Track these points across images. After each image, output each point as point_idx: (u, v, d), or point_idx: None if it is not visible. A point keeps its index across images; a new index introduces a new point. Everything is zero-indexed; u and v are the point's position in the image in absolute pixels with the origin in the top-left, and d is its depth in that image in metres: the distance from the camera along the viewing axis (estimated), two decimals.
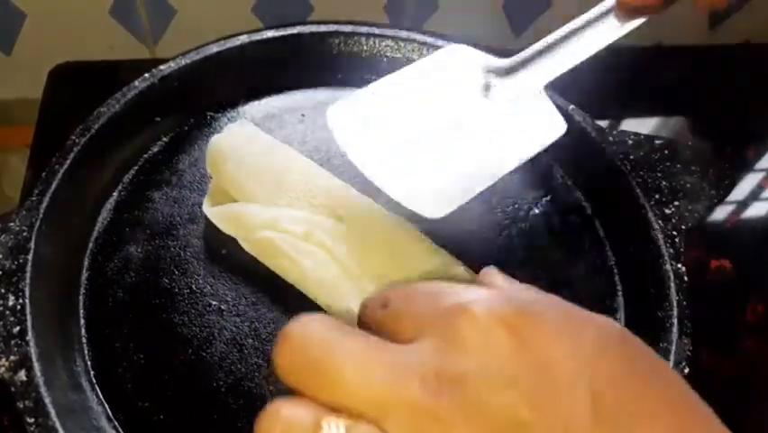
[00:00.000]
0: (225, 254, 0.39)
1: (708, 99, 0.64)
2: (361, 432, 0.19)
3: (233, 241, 0.38)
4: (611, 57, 0.39)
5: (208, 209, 0.39)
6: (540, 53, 0.39)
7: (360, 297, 0.34)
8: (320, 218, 0.38)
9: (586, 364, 0.20)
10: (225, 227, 0.38)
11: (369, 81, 0.49)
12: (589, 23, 0.39)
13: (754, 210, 0.57)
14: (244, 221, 0.38)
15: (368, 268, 0.36)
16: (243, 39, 0.47)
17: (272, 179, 0.39)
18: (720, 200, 0.43)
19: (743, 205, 0.57)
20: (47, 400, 0.30)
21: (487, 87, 0.39)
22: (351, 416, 0.19)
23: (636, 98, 0.63)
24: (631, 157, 0.44)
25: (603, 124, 0.58)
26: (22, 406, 0.30)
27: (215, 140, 0.40)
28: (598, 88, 0.61)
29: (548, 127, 0.38)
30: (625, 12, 0.37)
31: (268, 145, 0.41)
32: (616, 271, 0.42)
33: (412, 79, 0.39)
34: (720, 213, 0.55)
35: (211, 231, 0.39)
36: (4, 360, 0.31)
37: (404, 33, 0.49)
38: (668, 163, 0.44)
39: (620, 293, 0.41)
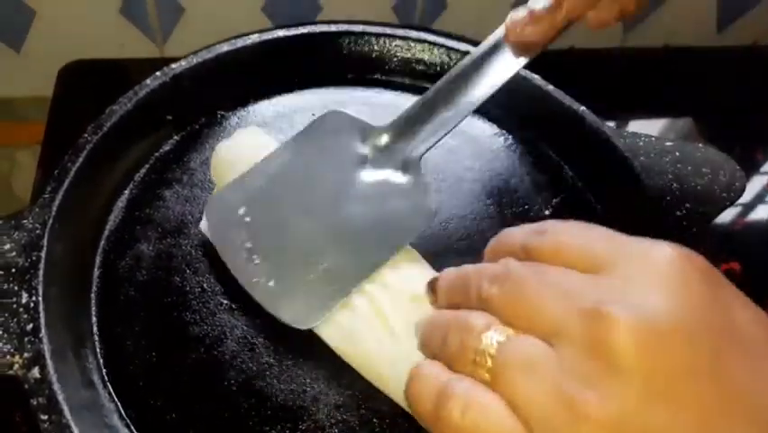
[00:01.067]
0: None
1: (716, 101, 0.64)
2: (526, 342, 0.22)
3: None
4: (619, 59, 0.40)
5: (205, 226, 0.39)
6: (419, 115, 0.38)
7: (350, 317, 0.34)
8: None
9: None
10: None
11: (379, 81, 0.50)
12: (477, 64, 0.37)
13: (763, 212, 0.57)
14: None
15: (356, 282, 0.35)
16: (254, 38, 0.47)
17: None
18: (732, 203, 0.43)
19: (751, 207, 0.57)
20: (60, 398, 0.30)
21: (363, 160, 0.38)
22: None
23: (644, 100, 0.63)
24: (642, 159, 0.44)
25: (611, 125, 0.58)
26: (35, 403, 0.30)
27: (221, 147, 0.40)
28: (606, 90, 0.62)
29: (419, 213, 0.36)
30: (519, 48, 0.36)
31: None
32: None
33: (288, 159, 0.38)
34: (729, 215, 0.55)
35: None
36: (17, 357, 0.32)
37: (414, 33, 0.49)
38: (679, 165, 0.44)
39: None
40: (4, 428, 0.38)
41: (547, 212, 0.44)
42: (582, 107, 0.46)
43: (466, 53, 0.49)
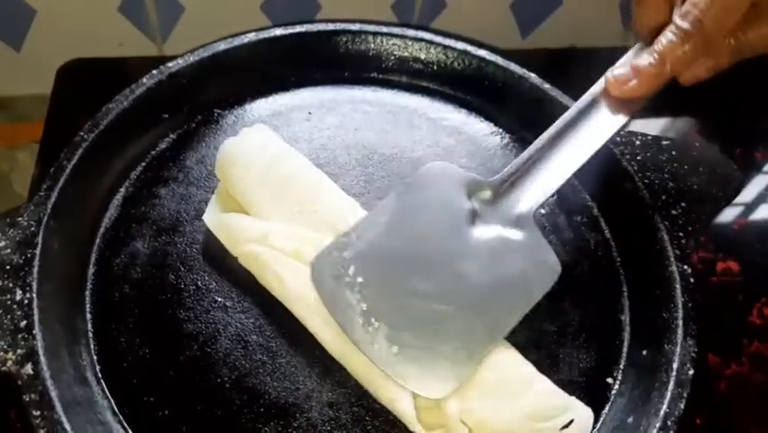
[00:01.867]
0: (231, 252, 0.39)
1: (717, 100, 0.63)
2: None
3: None
4: (619, 56, 0.39)
5: (209, 216, 0.39)
6: (525, 170, 0.37)
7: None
8: (316, 235, 0.37)
9: None
10: (219, 236, 0.38)
11: (376, 80, 0.50)
12: (577, 120, 0.37)
13: (763, 212, 0.56)
14: (235, 233, 0.37)
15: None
16: (251, 37, 0.47)
17: (277, 190, 0.38)
18: (728, 202, 0.43)
19: (750, 207, 0.57)
20: (53, 394, 0.31)
21: (473, 215, 0.36)
22: None
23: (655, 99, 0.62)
24: (638, 158, 0.44)
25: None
26: (28, 399, 0.31)
27: (227, 144, 0.40)
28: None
29: (543, 270, 0.35)
30: (614, 102, 0.36)
31: (278, 154, 0.40)
32: (621, 271, 0.42)
33: (394, 214, 0.36)
34: (728, 215, 0.55)
35: None
36: (11, 353, 0.32)
37: (411, 32, 0.49)
38: (675, 164, 0.44)
39: (626, 294, 0.41)
40: (0, 424, 0.38)
41: (542, 210, 0.44)
42: None
43: (464, 52, 0.49)
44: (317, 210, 0.38)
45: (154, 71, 0.44)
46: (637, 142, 0.45)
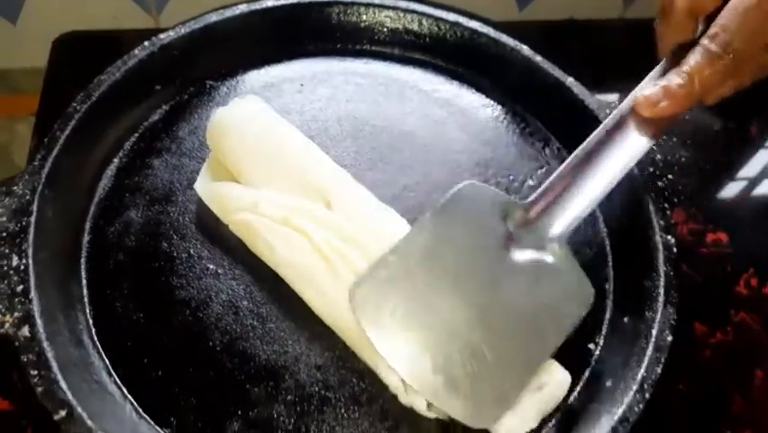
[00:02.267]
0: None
1: None
2: None
3: None
4: (617, 30, 0.39)
5: (200, 184, 0.40)
6: (557, 193, 0.37)
7: (333, 282, 0.35)
8: (306, 203, 0.37)
9: None
10: (211, 205, 0.39)
11: (368, 52, 0.51)
12: (606, 141, 0.36)
13: (753, 185, 0.57)
14: (226, 201, 0.38)
15: (346, 255, 0.36)
16: (243, 8, 0.47)
17: (268, 159, 0.39)
18: (716, 175, 0.43)
19: (742, 180, 0.57)
20: (49, 355, 0.32)
21: (509, 238, 0.36)
22: None
23: (645, 72, 0.62)
24: None
25: (612, 98, 0.58)
26: (26, 360, 0.32)
27: (218, 114, 0.40)
28: (605, 61, 0.61)
29: (578, 296, 0.35)
30: (643, 122, 0.36)
31: (270, 124, 0.41)
32: (607, 242, 0.42)
33: (431, 238, 0.36)
34: (718, 187, 0.55)
35: None
36: (8, 316, 0.33)
37: (403, 4, 0.49)
38: (664, 137, 0.44)
39: (611, 264, 0.41)
40: (2, 386, 0.40)
41: (531, 182, 0.45)
42: (570, 78, 0.46)
43: (456, 24, 0.49)
44: (307, 179, 0.39)
45: (146, 43, 0.44)
46: None
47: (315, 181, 0.39)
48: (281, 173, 0.39)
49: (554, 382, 0.34)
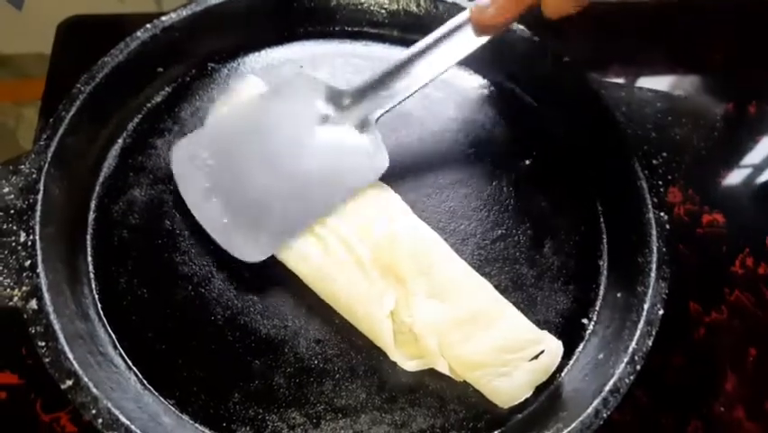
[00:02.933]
0: None
1: (710, 53, 0.63)
2: None
3: None
4: (621, 13, 0.40)
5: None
6: (381, 81, 0.41)
7: (324, 258, 0.36)
8: None
9: None
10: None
11: (367, 34, 0.51)
12: (435, 42, 0.41)
13: (750, 167, 0.57)
14: None
15: (335, 229, 0.38)
16: None
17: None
18: (710, 153, 0.44)
19: (738, 161, 0.57)
20: (56, 327, 0.33)
21: (325, 119, 0.41)
22: None
23: (654, 54, 0.62)
24: (623, 109, 0.44)
25: (619, 80, 0.58)
26: (33, 331, 0.33)
27: (221, 98, 0.43)
28: (601, 42, 0.61)
29: (372, 165, 0.39)
30: (480, 29, 0.40)
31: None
32: (602, 219, 0.43)
33: (254, 112, 0.41)
34: (715, 168, 0.56)
35: None
36: (17, 290, 0.34)
37: None
38: (659, 115, 0.44)
39: (605, 240, 0.42)
40: (10, 360, 0.41)
41: (527, 161, 0.45)
42: (566, 57, 0.46)
43: (453, 5, 0.49)
44: None
45: (148, 25, 0.45)
46: (623, 94, 0.45)
47: None
48: None
49: (548, 351, 0.34)
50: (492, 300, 0.36)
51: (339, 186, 0.39)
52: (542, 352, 0.34)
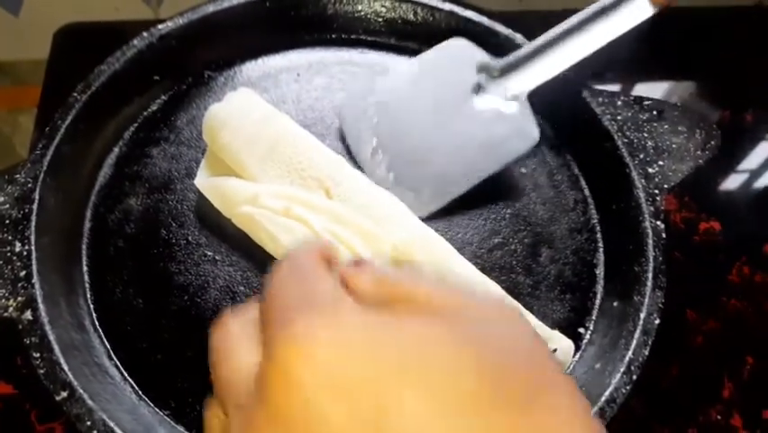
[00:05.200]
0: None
1: (706, 62, 0.63)
2: None
3: None
4: None
5: (200, 180, 0.40)
6: (535, 54, 0.42)
7: None
8: (305, 192, 0.38)
9: None
10: (212, 199, 0.39)
11: (364, 41, 0.51)
12: (590, 19, 0.41)
13: (746, 174, 0.57)
14: (227, 195, 0.39)
15: (346, 240, 0.37)
16: None
17: (264, 150, 0.39)
18: (706, 162, 0.44)
19: (735, 169, 0.57)
20: (51, 338, 0.33)
21: (478, 88, 0.43)
22: None
23: (649, 61, 0.62)
24: (619, 117, 0.44)
25: (615, 88, 0.58)
26: (28, 342, 0.33)
27: (213, 109, 0.40)
28: (601, 52, 0.62)
29: (523, 136, 0.42)
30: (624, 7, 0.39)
31: (264, 115, 0.41)
32: (598, 228, 0.43)
33: (413, 76, 0.44)
34: (711, 176, 0.56)
35: None
36: (12, 301, 0.34)
37: None
38: (655, 124, 0.44)
39: (601, 249, 0.42)
40: (5, 370, 0.41)
41: (524, 170, 0.45)
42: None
43: (450, 13, 0.49)
44: (305, 169, 0.39)
45: (145, 33, 0.45)
46: (619, 103, 0.45)
47: (312, 170, 0.39)
48: (278, 164, 0.39)
49: (560, 349, 0.35)
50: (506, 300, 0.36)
51: (493, 153, 0.41)
52: (554, 350, 0.34)
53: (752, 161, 0.58)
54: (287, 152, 0.40)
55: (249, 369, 0.19)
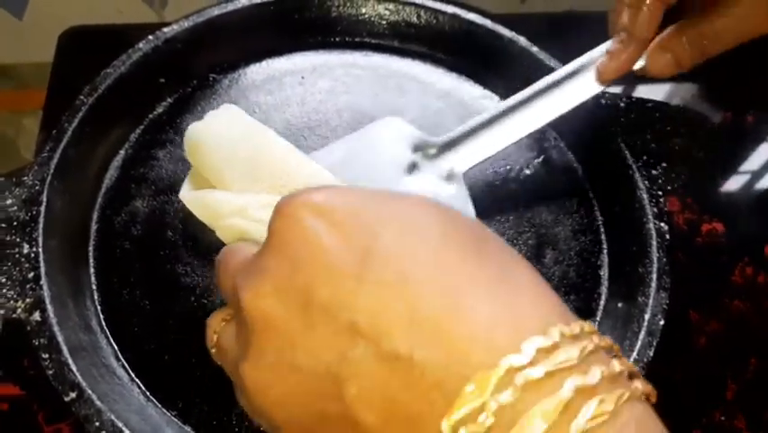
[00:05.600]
0: None
1: (708, 63, 0.63)
2: None
3: None
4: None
5: (184, 193, 0.38)
6: (476, 130, 0.40)
7: None
8: None
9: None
10: (197, 212, 0.38)
11: (368, 44, 0.51)
12: (537, 94, 0.40)
13: (748, 176, 0.57)
14: (214, 208, 0.37)
15: None
16: (245, 2, 0.48)
17: (246, 169, 0.37)
18: (709, 163, 0.44)
19: (737, 170, 0.58)
20: (59, 339, 0.33)
21: (412, 167, 0.40)
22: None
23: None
24: (622, 119, 0.45)
25: (616, 90, 0.59)
26: (37, 343, 0.33)
27: (193, 128, 0.38)
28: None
29: None
30: (606, 79, 0.38)
31: (244, 133, 0.39)
32: (602, 230, 0.43)
33: (340, 156, 0.40)
34: (713, 177, 0.56)
35: None
36: (20, 302, 0.34)
37: None
38: (658, 126, 0.44)
39: (605, 251, 0.42)
40: (12, 372, 0.41)
41: (528, 171, 0.45)
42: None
43: (453, 16, 0.50)
44: (286, 185, 0.38)
45: (150, 36, 0.45)
46: (622, 105, 0.45)
47: (297, 182, 0.39)
48: (263, 179, 0.38)
49: None
50: None
51: None
52: None
53: (753, 162, 0.58)
54: (268, 170, 0.38)
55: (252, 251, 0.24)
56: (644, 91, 0.61)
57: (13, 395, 0.40)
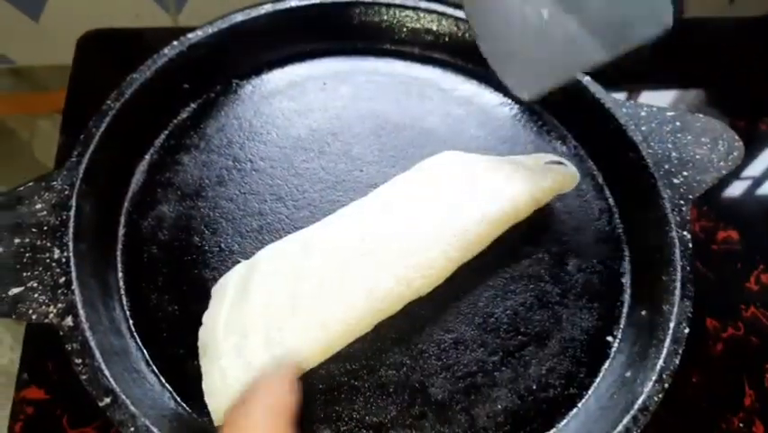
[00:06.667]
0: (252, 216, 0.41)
1: (723, 72, 0.64)
2: None
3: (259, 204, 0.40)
4: None
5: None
6: None
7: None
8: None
9: None
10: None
11: (389, 51, 0.52)
12: None
13: (764, 184, 0.58)
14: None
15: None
16: (268, 8, 0.48)
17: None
18: (729, 172, 0.44)
19: (753, 178, 0.58)
20: (92, 343, 0.33)
21: None
22: None
23: (657, 71, 0.63)
24: (643, 128, 0.45)
25: (621, 96, 0.59)
26: (70, 348, 0.33)
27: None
28: (623, 63, 0.62)
29: (653, 20, 0.35)
30: None
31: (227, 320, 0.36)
32: (624, 237, 0.44)
33: None
34: (730, 185, 0.56)
35: (238, 194, 0.42)
36: (52, 307, 0.34)
37: (423, 3, 0.50)
38: (679, 135, 0.45)
39: (627, 258, 0.43)
40: (37, 376, 0.41)
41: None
42: (587, 77, 0.47)
43: None
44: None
45: (175, 42, 0.45)
46: (643, 114, 0.46)
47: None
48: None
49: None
50: None
51: (620, 36, 0.36)
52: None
53: (767, 169, 0.59)
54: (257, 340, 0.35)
55: None
56: (660, 99, 0.61)
57: (38, 399, 0.40)
